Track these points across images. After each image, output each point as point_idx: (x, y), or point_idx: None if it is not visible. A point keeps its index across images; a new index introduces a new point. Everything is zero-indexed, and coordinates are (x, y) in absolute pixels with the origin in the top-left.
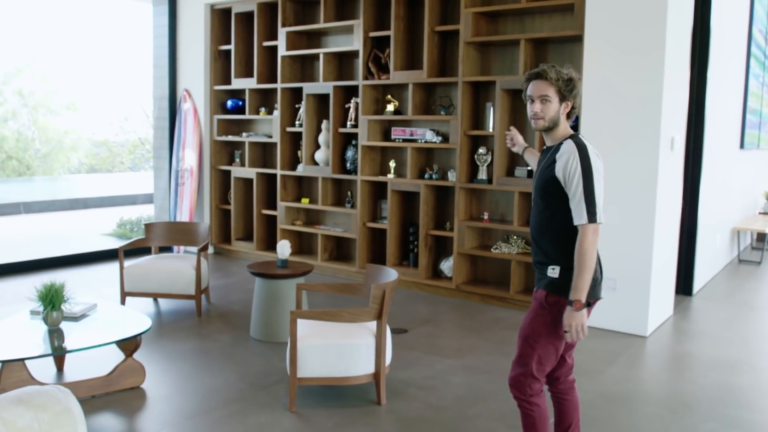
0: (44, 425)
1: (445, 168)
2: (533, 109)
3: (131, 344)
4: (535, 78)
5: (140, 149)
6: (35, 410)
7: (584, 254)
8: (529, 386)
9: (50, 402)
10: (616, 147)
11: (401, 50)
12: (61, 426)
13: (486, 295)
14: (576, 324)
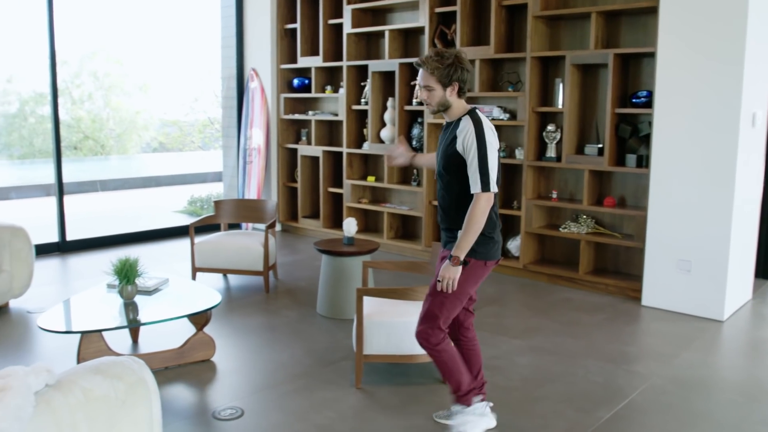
0: (120, 394)
1: (513, 145)
2: (421, 97)
3: (202, 318)
4: (418, 67)
5: (209, 128)
6: (111, 380)
7: (473, 219)
8: (435, 337)
9: (125, 372)
10: (692, 122)
11: (468, 26)
12: (136, 395)
13: (554, 275)
14: (449, 277)
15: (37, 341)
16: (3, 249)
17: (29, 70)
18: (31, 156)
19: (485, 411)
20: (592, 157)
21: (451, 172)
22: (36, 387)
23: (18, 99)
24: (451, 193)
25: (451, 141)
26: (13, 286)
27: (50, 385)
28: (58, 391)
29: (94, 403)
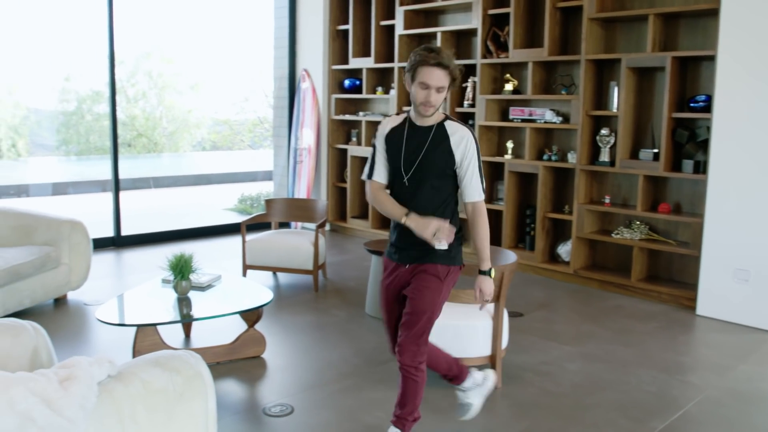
0: (177, 387)
1: (565, 149)
2: (428, 98)
3: (253, 315)
4: (438, 66)
5: (259, 128)
6: (170, 373)
7: (487, 226)
8: (421, 356)
9: (183, 366)
10: (753, 128)
11: (521, 27)
12: (193, 389)
13: (605, 281)
14: (492, 291)
15: (94, 333)
16: (62, 242)
17: (87, 69)
18: (87, 152)
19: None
20: (647, 162)
21: (443, 179)
22: (99, 377)
23: (76, 97)
24: (436, 202)
25: (440, 146)
26: (71, 278)
27: (112, 376)
28: (120, 382)
29: (154, 395)
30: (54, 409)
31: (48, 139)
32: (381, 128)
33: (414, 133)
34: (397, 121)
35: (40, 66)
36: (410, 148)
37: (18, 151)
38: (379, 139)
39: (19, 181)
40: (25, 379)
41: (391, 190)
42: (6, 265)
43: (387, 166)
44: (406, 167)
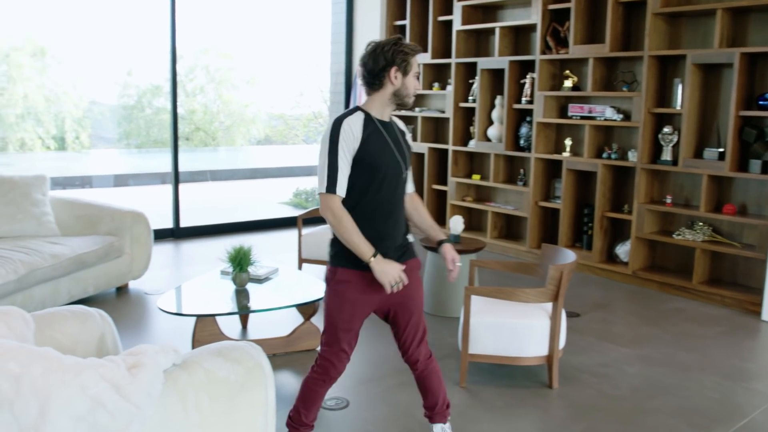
0: (239, 378)
1: (625, 147)
2: (418, 86)
3: (310, 308)
4: (416, 52)
5: (313, 123)
6: (232, 363)
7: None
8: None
9: (245, 357)
10: None
11: (582, 23)
12: (254, 380)
13: (665, 283)
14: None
15: (153, 321)
16: (125, 233)
17: (147, 64)
18: (146, 145)
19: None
20: (712, 162)
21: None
22: (164, 365)
23: (136, 91)
24: (403, 194)
25: (405, 141)
26: (133, 268)
27: (177, 364)
28: (184, 371)
29: (216, 384)
30: (123, 395)
31: (109, 131)
32: (349, 131)
33: (388, 130)
34: (358, 119)
35: (102, 60)
36: (393, 149)
37: (82, 143)
38: (350, 143)
39: (83, 172)
40: (95, 364)
41: (369, 195)
42: (72, 253)
43: (348, 176)
44: (394, 171)
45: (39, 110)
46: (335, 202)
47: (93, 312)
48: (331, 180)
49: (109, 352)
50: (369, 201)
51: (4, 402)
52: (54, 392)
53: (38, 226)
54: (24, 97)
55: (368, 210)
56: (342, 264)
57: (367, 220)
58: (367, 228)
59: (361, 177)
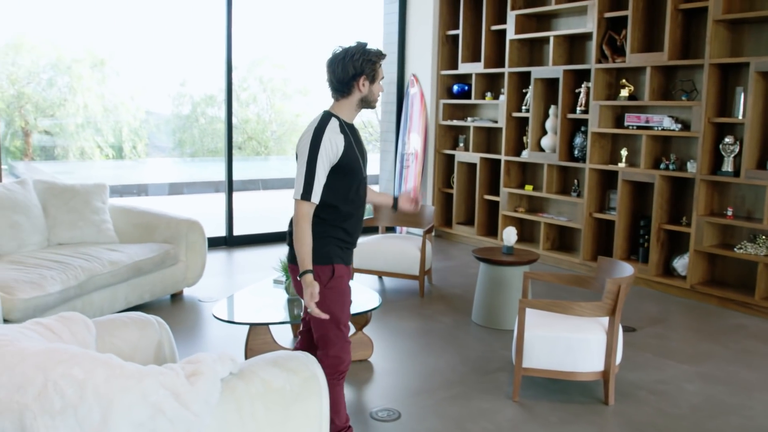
0: (294, 388)
1: (684, 158)
2: (382, 89)
3: (362, 319)
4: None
5: (363, 131)
6: (287, 373)
7: None
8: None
9: (300, 367)
10: None
11: (639, 31)
12: (309, 390)
13: (725, 298)
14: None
15: (207, 329)
16: (180, 240)
17: (201, 74)
18: (200, 154)
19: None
20: None
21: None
22: (222, 374)
23: (190, 101)
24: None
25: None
26: (188, 275)
27: (233, 373)
28: (241, 380)
29: (272, 394)
30: (182, 403)
31: (165, 141)
32: (331, 140)
33: (354, 133)
34: (335, 126)
35: (158, 72)
36: (361, 149)
37: (138, 153)
38: (331, 153)
39: (139, 180)
40: (156, 372)
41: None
42: (130, 260)
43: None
44: (364, 170)
45: (98, 120)
46: (305, 209)
47: (151, 319)
48: (307, 188)
49: (166, 359)
50: (349, 204)
51: (68, 407)
52: (116, 399)
53: (98, 233)
54: (84, 107)
55: (347, 212)
56: (337, 261)
57: (347, 221)
58: (346, 229)
59: (341, 183)
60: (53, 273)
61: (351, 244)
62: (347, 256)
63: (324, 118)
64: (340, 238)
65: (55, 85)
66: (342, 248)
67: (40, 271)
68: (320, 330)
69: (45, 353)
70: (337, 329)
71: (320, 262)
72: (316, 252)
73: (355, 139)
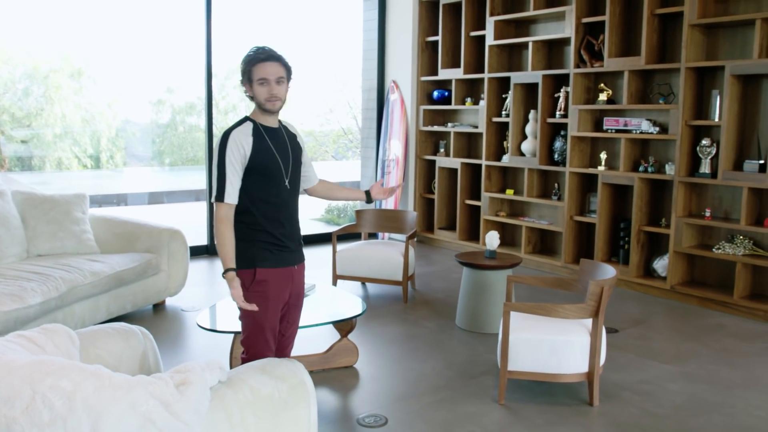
0: (283, 394)
1: (662, 160)
2: (271, 91)
3: (347, 325)
4: (270, 60)
5: (343, 139)
6: (276, 380)
7: None
8: None
9: (288, 374)
10: None
11: (617, 36)
12: (297, 396)
13: (705, 298)
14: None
15: (190, 338)
16: (162, 250)
17: (180, 82)
18: (179, 163)
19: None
20: (752, 174)
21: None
22: (211, 383)
23: (170, 110)
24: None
25: (296, 145)
26: (170, 285)
27: (222, 381)
28: (230, 388)
29: (261, 401)
30: (172, 412)
31: (143, 150)
32: (236, 142)
33: (274, 135)
34: (246, 129)
35: (136, 80)
36: (281, 152)
37: (116, 163)
38: (239, 152)
39: (118, 190)
40: (145, 382)
41: (261, 201)
42: (111, 271)
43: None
44: (285, 172)
45: (75, 130)
46: (222, 211)
47: (135, 329)
48: (220, 189)
49: (151, 369)
50: (270, 206)
51: (57, 419)
52: (105, 410)
53: (78, 243)
54: (62, 117)
55: (269, 214)
56: (262, 264)
57: (271, 223)
58: (273, 230)
59: (257, 185)
60: (33, 285)
61: (284, 246)
62: (280, 259)
63: (238, 122)
64: (266, 240)
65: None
66: (271, 251)
67: (21, 283)
68: (245, 333)
69: (32, 366)
70: (261, 335)
71: (242, 265)
72: (239, 255)
73: (276, 142)
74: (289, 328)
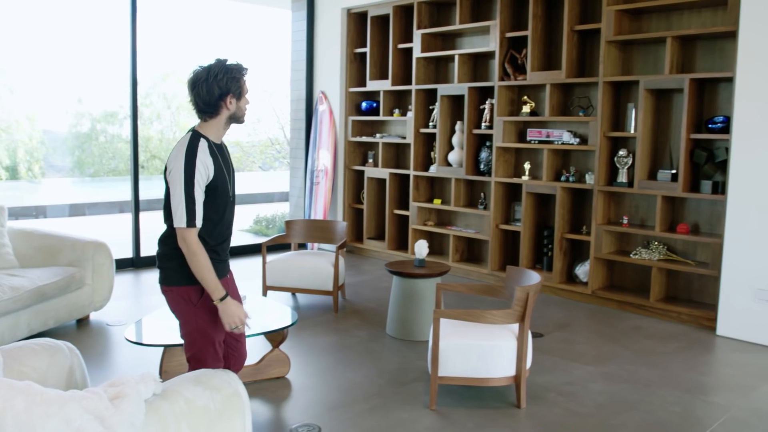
0: (218, 405)
1: (583, 170)
2: (249, 102)
3: (278, 336)
4: (244, 74)
5: (270, 149)
6: (211, 391)
7: None
8: None
9: (223, 384)
10: None
11: (539, 50)
12: (232, 407)
13: (623, 302)
14: None
15: (117, 353)
16: (86, 263)
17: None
18: (101, 174)
19: None
20: (665, 183)
21: None
22: (146, 395)
23: (89, 119)
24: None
25: (231, 160)
26: (95, 299)
27: (157, 394)
28: (165, 400)
29: (196, 413)
30: (107, 427)
31: (63, 160)
32: (203, 163)
33: (220, 151)
34: (205, 148)
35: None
36: (227, 168)
37: (34, 173)
38: (205, 173)
39: (38, 202)
40: (78, 397)
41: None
42: (32, 285)
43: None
44: (231, 188)
45: None
46: (193, 236)
47: (61, 345)
48: (190, 214)
49: (78, 385)
50: (217, 224)
51: None
52: (38, 426)
53: None
54: None
55: (221, 232)
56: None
57: (216, 239)
58: (216, 246)
59: (210, 204)
60: None
61: (222, 260)
62: (219, 271)
63: (193, 140)
64: (210, 256)
65: None
66: (214, 265)
67: None
68: (193, 348)
69: None
70: (211, 347)
71: (189, 282)
72: (185, 272)
73: (223, 159)
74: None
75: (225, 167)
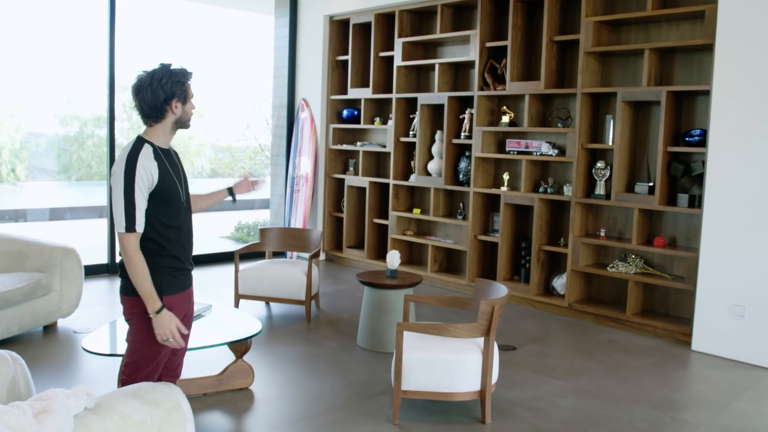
0: (156, 420)
1: (561, 182)
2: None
3: (242, 346)
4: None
5: (260, 155)
6: (149, 406)
7: None
8: None
9: (162, 398)
10: (748, 163)
11: (518, 60)
12: (172, 422)
13: (600, 315)
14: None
15: (81, 361)
16: (54, 269)
17: (89, 93)
18: (87, 177)
19: None
20: (643, 196)
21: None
22: (76, 410)
23: (78, 122)
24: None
25: (181, 165)
26: (62, 305)
27: (89, 408)
28: (97, 416)
29: (132, 428)
30: None
31: (48, 163)
32: (145, 167)
33: (168, 156)
34: (148, 153)
35: (42, 89)
36: (176, 173)
37: (17, 176)
38: (148, 179)
39: (18, 205)
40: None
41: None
42: None
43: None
44: (182, 192)
45: None
46: (133, 242)
47: (4, 354)
48: (130, 219)
49: (20, 396)
50: (173, 231)
51: None
52: None
53: None
54: None
55: (173, 239)
56: (168, 292)
57: (175, 248)
58: (177, 254)
59: (161, 211)
60: None
61: (185, 269)
62: (182, 281)
63: (136, 145)
64: (172, 266)
65: None
66: (176, 276)
67: None
68: (135, 356)
69: None
70: (155, 359)
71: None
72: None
73: (171, 164)
74: (178, 354)
75: (174, 172)
